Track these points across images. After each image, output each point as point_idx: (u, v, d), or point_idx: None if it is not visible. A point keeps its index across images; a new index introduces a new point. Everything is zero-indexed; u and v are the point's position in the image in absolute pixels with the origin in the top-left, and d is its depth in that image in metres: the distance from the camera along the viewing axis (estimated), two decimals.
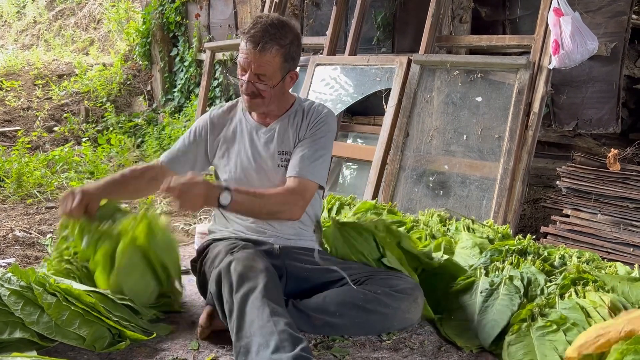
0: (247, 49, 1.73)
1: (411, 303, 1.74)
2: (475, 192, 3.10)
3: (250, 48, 1.72)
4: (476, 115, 3.18)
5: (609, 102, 3.26)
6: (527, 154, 2.98)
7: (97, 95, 6.39)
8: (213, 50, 5.17)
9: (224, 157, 1.91)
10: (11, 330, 1.55)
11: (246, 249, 1.70)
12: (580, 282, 1.88)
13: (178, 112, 6.05)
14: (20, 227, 3.08)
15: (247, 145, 1.88)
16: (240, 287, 1.52)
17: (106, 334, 1.62)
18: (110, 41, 8.52)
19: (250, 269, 1.57)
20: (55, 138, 5.70)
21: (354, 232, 1.97)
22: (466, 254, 2.23)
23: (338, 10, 4.06)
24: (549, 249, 2.30)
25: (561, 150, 3.81)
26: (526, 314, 1.72)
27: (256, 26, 1.72)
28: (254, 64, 1.74)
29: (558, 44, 2.89)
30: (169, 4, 6.11)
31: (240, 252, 1.66)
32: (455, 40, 3.65)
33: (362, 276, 1.80)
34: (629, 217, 2.82)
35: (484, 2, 3.95)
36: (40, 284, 1.64)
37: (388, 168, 3.38)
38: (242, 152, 1.88)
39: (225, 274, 1.59)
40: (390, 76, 3.55)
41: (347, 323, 1.70)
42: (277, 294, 1.56)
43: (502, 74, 3.14)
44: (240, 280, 1.53)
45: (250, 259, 1.62)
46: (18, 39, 9.73)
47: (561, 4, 2.92)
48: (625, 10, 3.16)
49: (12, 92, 6.26)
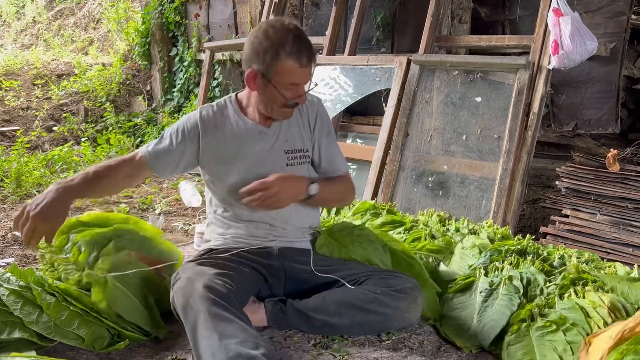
0: (303, 64, 1.71)
1: (410, 303, 1.74)
2: (474, 192, 3.10)
3: (306, 62, 1.71)
4: (476, 115, 3.18)
5: (608, 103, 3.26)
6: (527, 154, 2.98)
7: (96, 95, 6.38)
8: (212, 50, 5.17)
9: (225, 162, 1.84)
10: (10, 330, 1.55)
11: (193, 269, 1.66)
12: (579, 282, 1.88)
13: (177, 112, 6.05)
14: None
15: (252, 148, 1.84)
16: (186, 320, 1.50)
17: (105, 334, 1.62)
18: (110, 41, 8.52)
19: (189, 296, 1.51)
20: (54, 138, 5.70)
21: (345, 232, 1.96)
22: (466, 254, 2.23)
23: (337, 10, 4.07)
24: (548, 249, 2.30)
25: (560, 150, 3.81)
26: (525, 314, 1.72)
27: (303, 41, 1.71)
28: (308, 76, 1.76)
29: (557, 44, 2.89)
30: (168, 3, 6.11)
31: (178, 282, 1.61)
32: (455, 40, 3.65)
33: (361, 276, 1.79)
34: (628, 218, 2.82)
35: (483, 2, 3.96)
36: (39, 284, 1.64)
37: (387, 168, 3.38)
38: (248, 156, 1.83)
39: (174, 308, 1.60)
40: (389, 76, 3.55)
41: (346, 323, 1.70)
42: (224, 293, 1.52)
43: (501, 74, 3.14)
44: (184, 313, 1.51)
45: (188, 284, 1.56)
46: (17, 38, 9.72)
47: (561, 4, 2.92)
48: (624, 10, 3.16)
49: (11, 92, 6.25)
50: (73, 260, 1.80)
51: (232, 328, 1.43)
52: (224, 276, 1.61)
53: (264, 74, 1.72)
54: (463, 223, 2.65)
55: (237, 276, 1.67)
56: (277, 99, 1.76)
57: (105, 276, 1.68)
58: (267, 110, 1.81)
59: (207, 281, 1.55)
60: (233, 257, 1.77)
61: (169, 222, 3.37)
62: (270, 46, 1.68)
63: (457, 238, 2.41)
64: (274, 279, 1.81)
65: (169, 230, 3.22)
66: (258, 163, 1.84)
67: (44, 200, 1.64)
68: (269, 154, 1.86)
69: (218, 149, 1.84)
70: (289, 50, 1.67)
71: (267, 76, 1.71)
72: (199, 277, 1.58)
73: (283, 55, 1.68)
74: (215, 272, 1.62)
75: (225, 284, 1.57)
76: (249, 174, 1.81)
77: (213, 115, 1.86)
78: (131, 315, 1.68)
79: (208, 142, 1.84)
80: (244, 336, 1.41)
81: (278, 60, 1.68)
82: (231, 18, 5.49)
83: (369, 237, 1.96)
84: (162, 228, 3.09)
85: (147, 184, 4.41)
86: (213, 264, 1.70)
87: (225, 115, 1.87)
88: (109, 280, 1.68)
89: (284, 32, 1.69)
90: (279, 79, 1.71)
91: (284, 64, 1.69)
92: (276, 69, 1.70)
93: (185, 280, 1.59)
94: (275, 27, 1.71)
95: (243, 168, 1.83)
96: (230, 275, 1.64)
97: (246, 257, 1.79)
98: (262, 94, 1.77)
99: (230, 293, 1.54)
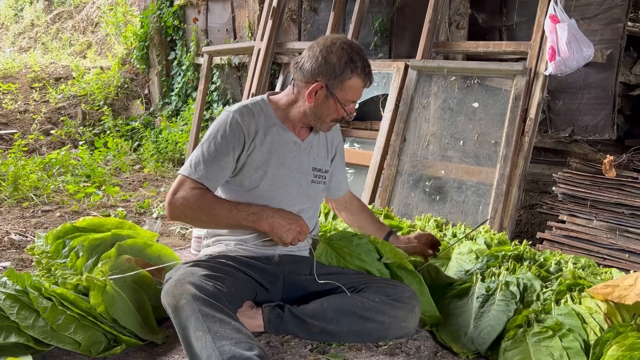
0: (366, 85, 1.81)
1: (408, 312, 1.74)
2: (471, 197, 3.10)
3: (369, 84, 1.81)
4: (473, 120, 3.19)
5: (604, 109, 3.28)
6: (524, 159, 2.99)
7: (94, 98, 6.38)
8: (211, 54, 5.18)
9: (257, 168, 1.79)
10: (6, 334, 1.54)
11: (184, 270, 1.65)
12: (576, 288, 1.89)
13: (175, 116, 6.05)
14: (16, 230, 3.07)
15: (286, 157, 1.83)
16: (177, 320, 1.49)
17: (102, 339, 1.61)
18: (108, 45, 8.53)
19: (180, 296, 1.51)
20: (52, 141, 5.69)
21: (344, 242, 1.95)
22: (462, 259, 2.24)
23: (336, 15, 4.08)
24: (545, 255, 2.31)
25: (557, 156, 3.83)
26: (522, 319, 1.73)
27: (368, 62, 1.78)
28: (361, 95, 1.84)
29: (554, 50, 2.90)
30: (167, 8, 6.12)
31: (168, 282, 1.61)
32: (452, 46, 3.66)
33: (360, 284, 1.80)
34: (624, 224, 2.83)
35: (480, 9, 3.97)
36: (36, 288, 1.64)
37: (385, 173, 3.39)
38: (279, 165, 1.82)
39: (165, 309, 1.58)
40: (387, 81, 3.56)
41: (343, 330, 1.70)
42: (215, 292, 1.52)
43: (498, 80, 3.16)
44: (175, 313, 1.50)
45: (178, 285, 1.55)
46: (15, 41, 9.72)
47: (557, 11, 2.94)
48: (620, 17, 3.18)
49: (9, 95, 6.25)
50: (70, 265, 1.80)
51: (225, 329, 1.43)
52: (215, 278, 1.61)
53: (329, 88, 1.75)
54: (460, 228, 2.66)
55: (230, 279, 1.66)
56: (332, 113, 1.80)
57: (105, 279, 1.68)
58: (316, 122, 1.83)
59: (196, 281, 1.55)
60: (230, 261, 1.77)
61: (167, 225, 3.37)
62: (345, 63, 1.73)
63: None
64: (272, 285, 1.81)
65: (166, 234, 3.22)
66: (288, 173, 1.84)
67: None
68: (300, 166, 1.87)
69: (256, 154, 1.80)
70: (360, 70, 1.75)
71: (333, 90, 1.75)
72: (188, 277, 1.58)
73: (356, 73, 1.74)
74: (205, 273, 1.62)
75: (215, 284, 1.57)
76: (276, 183, 1.81)
77: (252, 118, 1.80)
78: (126, 320, 1.67)
79: (250, 147, 1.79)
80: (238, 337, 1.41)
81: (350, 77, 1.74)
82: (230, 22, 5.50)
83: (367, 248, 1.96)
84: (160, 232, 3.09)
85: (144, 188, 4.41)
86: (205, 266, 1.70)
87: (263, 119, 1.83)
88: (109, 283, 1.68)
89: (357, 51, 1.76)
90: (343, 94, 1.77)
91: (354, 81, 1.76)
92: (345, 85, 1.75)
93: (175, 280, 1.59)
94: (348, 44, 1.76)
95: (272, 175, 1.81)
96: (221, 277, 1.63)
97: (245, 262, 1.79)
98: (318, 106, 1.79)
99: (220, 293, 1.54)
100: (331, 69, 1.73)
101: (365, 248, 1.95)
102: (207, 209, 1.70)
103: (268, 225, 1.70)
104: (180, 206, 1.70)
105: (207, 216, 1.72)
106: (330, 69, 1.73)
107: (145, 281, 1.84)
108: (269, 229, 1.70)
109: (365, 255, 1.93)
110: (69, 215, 3.46)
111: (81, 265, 1.78)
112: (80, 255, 1.80)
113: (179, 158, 5.36)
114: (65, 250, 1.84)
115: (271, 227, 1.70)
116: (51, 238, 2.00)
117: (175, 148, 5.39)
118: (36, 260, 1.95)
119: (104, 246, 1.92)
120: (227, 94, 5.56)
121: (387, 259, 1.93)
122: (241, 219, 1.71)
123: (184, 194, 1.70)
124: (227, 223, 1.75)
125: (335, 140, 2.03)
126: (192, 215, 1.72)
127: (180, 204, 1.70)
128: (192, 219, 1.76)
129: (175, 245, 2.89)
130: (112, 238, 1.96)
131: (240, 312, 1.71)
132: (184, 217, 1.75)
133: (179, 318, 1.49)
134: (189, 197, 1.69)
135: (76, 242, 1.83)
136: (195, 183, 1.72)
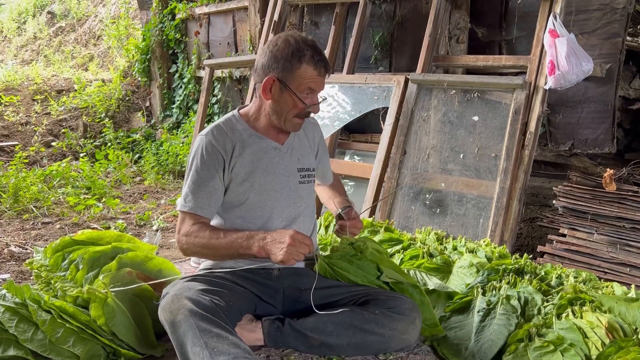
0: (321, 74, 1.77)
1: (408, 325, 1.73)
2: (472, 210, 3.10)
3: (323, 72, 1.77)
4: (473, 134, 3.20)
5: (604, 122, 3.29)
6: (524, 173, 3.00)
7: (95, 110, 6.41)
8: (212, 67, 5.21)
9: (243, 181, 1.79)
10: (5, 347, 1.54)
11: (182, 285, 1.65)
12: (577, 302, 1.88)
13: (176, 129, 6.07)
14: (16, 242, 3.07)
15: (269, 166, 1.83)
16: (175, 335, 1.49)
17: (100, 352, 1.61)
18: (110, 57, 8.58)
19: (177, 311, 1.51)
20: (53, 153, 5.70)
21: (343, 263, 1.90)
22: (463, 273, 2.23)
23: (336, 29, 4.11)
24: (545, 269, 2.30)
25: (557, 169, 3.83)
26: (523, 334, 1.72)
27: (318, 51, 1.77)
28: (322, 86, 1.81)
29: (554, 64, 2.92)
30: (169, 21, 6.17)
31: (166, 298, 1.61)
32: (452, 60, 3.69)
33: (360, 296, 1.79)
34: (625, 237, 2.83)
35: (480, 23, 4.00)
36: (35, 301, 1.63)
37: (385, 186, 3.39)
38: (264, 174, 1.82)
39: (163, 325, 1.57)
40: (387, 95, 3.58)
41: (344, 343, 1.69)
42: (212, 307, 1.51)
43: (498, 93, 3.17)
44: (172, 329, 1.51)
45: (175, 300, 1.55)
46: (18, 54, 9.79)
47: (557, 26, 2.96)
48: (619, 32, 3.20)
49: (10, 107, 6.27)
50: (70, 277, 1.80)
51: (222, 344, 1.42)
52: (213, 292, 1.60)
53: (281, 80, 1.75)
54: (461, 241, 2.66)
55: (228, 293, 1.66)
56: (292, 107, 1.78)
57: (106, 292, 1.68)
58: (279, 120, 1.81)
59: (193, 296, 1.55)
60: (229, 275, 1.76)
61: (166, 238, 3.36)
62: (292, 53, 1.73)
63: (455, 257, 2.41)
64: (272, 299, 1.80)
65: (166, 246, 3.21)
66: (274, 180, 1.83)
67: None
68: (285, 170, 1.86)
69: (238, 168, 1.80)
70: (309, 57, 1.73)
71: (285, 82, 1.74)
72: (185, 292, 1.57)
73: (304, 61, 1.73)
74: (203, 287, 1.61)
75: (213, 299, 1.56)
76: (265, 192, 1.81)
77: (225, 136, 1.80)
78: (125, 334, 1.67)
79: (231, 163, 1.79)
80: (236, 352, 1.41)
81: (299, 66, 1.73)
82: (231, 36, 5.54)
83: (367, 266, 1.90)
84: (160, 244, 3.08)
85: (144, 200, 4.41)
86: (203, 280, 1.70)
87: (238, 132, 1.83)
88: (110, 296, 1.67)
89: (305, 41, 1.76)
90: (297, 85, 1.75)
91: (304, 70, 1.74)
92: (295, 75, 1.74)
93: (172, 296, 1.58)
94: (295, 37, 1.77)
95: (259, 185, 1.81)
96: (219, 291, 1.63)
97: (244, 276, 1.78)
98: (276, 101, 1.78)
99: (218, 308, 1.54)
100: (280, 61, 1.74)
101: (366, 267, 1.90)
102: (207, 246, 1.70)
103: (262, 251, 1.65)
104: (185, 245, 1.72)
105: (209, 251, 1.72)
106: (278, 61, 1.74)
107: (146, 295, 1.83)
108: (265, 253, 1.66)
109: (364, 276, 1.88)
110: (69, 228, 3.46)
111: (81, 278, 1.78)
112: (81, 267, 1.80)
113: (179, 170, 5.37)
114: (64, 263, 1.84)
115: (266, 252, 1.65)
116: (50, 252, 2.00)
117: (175, 160, 5.40)
118: (35, 274, 1.95)
119: (105, 259, 1.92)
120: (228, 106, 5.59)
121: (387, 278, 1.90)
122: (238, 248, 1.69)
123: (185, 230, 1.72)
124: (230, 254, 1.73)
125: (317, 137, 2.03)
126: (199, 252, 1.73)
127: (185, 242, 1.72)
128: (201, 255, 1.77)
129: (175, 258, 2.88)
130: (113, 251, 1.96)
131: (240, 325, 1.70)
132: (193, 254, 1.79)
133: (177, 334, 1.48)
134: (190, 234, 1.71)
135: (76, 255, 1.83)
136: (192, 216, 1.74)
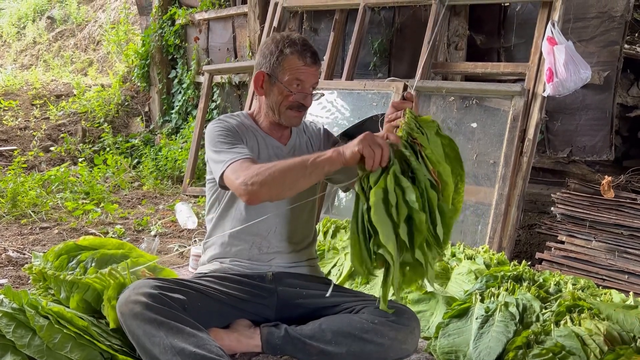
0: (308, 64, 1.79)
1: (408, 334, 1.72)
2: (470, 217, 3.10)
3: (310, 62, 1.79)
4: (471, 141, 3.21)
5: (602, 130, 3.30)
6: (522, 179, 3.00)
7: (94, 115, 6.41)
8: (211, 73, 5.21)
9: None
10: (2, 353, 1.53)
11: (140, 282, 1.65)
12: (575, 309, 1.88)
13: (175, 134, 6.07)
14: (13, 247, 3.06)
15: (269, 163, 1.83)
16: (129, 332, 1.52)
17: (98, 358, 1.59)
18: (109, 62, 8.60)
19: (124, 304, 1.53)
20: (51, 158, 5.70)
21: (422, 137, 1.56)
22: (462, 279, 2.23)
23: (336, 36, 4.12)
24: (544, 276, 2.30)
25: (555, 176, 3.84)
26: (522, 341, 1.72)
27: (307, 44, 1.80)
28: (313, 77, 1.81)
29: (552, 72, 2.93)
30: (168, 27, 6.19)
31: (121, 294, 1.61)
32: (451, 67, 3.70)
33: (358, 304, 1.78)
34: (623, 245, 2.83)
35: (479, 30, 4.02)
36: (33, 307, 1.63)
37: None
38: None
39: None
40: (386, 101, 3.59)
41: (342, 352, 1.68)
42: (161, 297, 1.52)
43: (497, 100, 3.18)
44: (125, 326, 1.53)
45: (124, 296, 1.56)
46: (17, 59, 9.80)
47: (555, 33, 2.97)
48: (617, 39, 3.22)
49: (9, 112, 6.27)
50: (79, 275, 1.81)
51: (181, 335, 1.46)
52: (176, 291, 1.59)
53: (270, 75, 1.79)
54: (459, 248, 2.66)
55: (199, 295, 1.65)
56: (283, 99, 1.80)
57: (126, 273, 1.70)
58: (274, 115, 1.84)
59: (144, 289, 1.55)
60: (217, 279, 1.75)
61: (165, 243, 3.36)
62: (276, 46, 1.78)
63: (453, 263, 2.41)
64: (264, 301, 1.78)
65: (164, 252, 3.20)
66: None
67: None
68: None
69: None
70: (292, 49, 1.77)
71: (274, 75, 1.79)
72: (137, 287, 1.57)
73: (287, 52, 1.77)
74: (158, 283, 1.60)
75: (170, 295, 1.55)
76: None
77: (236, 120, 1.86)
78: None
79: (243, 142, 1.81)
80: (194, 340, 1.45)
81: (283, 58, 1.77)
82: (230, 42, 5.56)
83: (436, 147, 1.57)
84: (158, 250, 3.07)
85: (143, 205, 4.41)
86: (169, 280, 1.69)
87: (245, 126, 1.86)
88: (129, 279, 1.70)
89: (290, 35, 1.81)
90: (285, 77, 1.78)
91: (289, 61, 1.77)
92: (282, 67, 1.78)
93: (128, 290, 1.59)
94: (282, 34, 1.84)
95: None
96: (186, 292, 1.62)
97: (238, 280, 1.77)
98: (269, 95, 1.82)
99: (174, 302, 1.53)
100: (267, 56, 1.80)
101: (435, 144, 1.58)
102: (280, 169, 1.54)
103: (336, 152, 1.52)
104: (250, 181, 1.54)
105: (282, 174, 1.53)
106: (266, 57, 1.81)
107: None
108: (340, 151, 1.53)
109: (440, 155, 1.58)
110: (67, 233, 3.45)
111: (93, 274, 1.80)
112: (92, 265, 1.82)
113: (178, 175, 5.37)
114: (72, 263, 1.86)
115: (342, 150, 1.53)
116: (53, 255, 2.01)
117: (174, 166, 5.40)
118: (33, 279, 1.95)
119: (114, 261, 1.94)
120: (227, 112, 5.58)
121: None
122: (314, 157, 1.53)
123: (245, 173, 1.57)
124: (304, 168, 1.54)
125: (322, 132, 2.06)
126: (271, 181, 1.53)
127: (250, 181, 1.54)
128: (269, 187, 1.54)
129: (173, 264, 2.88)
130: (122, 257, 1.99)
131: (238, 331, 1.70)
132: (264, 191, 1.55)
133: (131, 327, 1.50)
134: (252, 169, 1.56)
135: (85, 256, 1.86)
136: (242, 160, 1.63)
